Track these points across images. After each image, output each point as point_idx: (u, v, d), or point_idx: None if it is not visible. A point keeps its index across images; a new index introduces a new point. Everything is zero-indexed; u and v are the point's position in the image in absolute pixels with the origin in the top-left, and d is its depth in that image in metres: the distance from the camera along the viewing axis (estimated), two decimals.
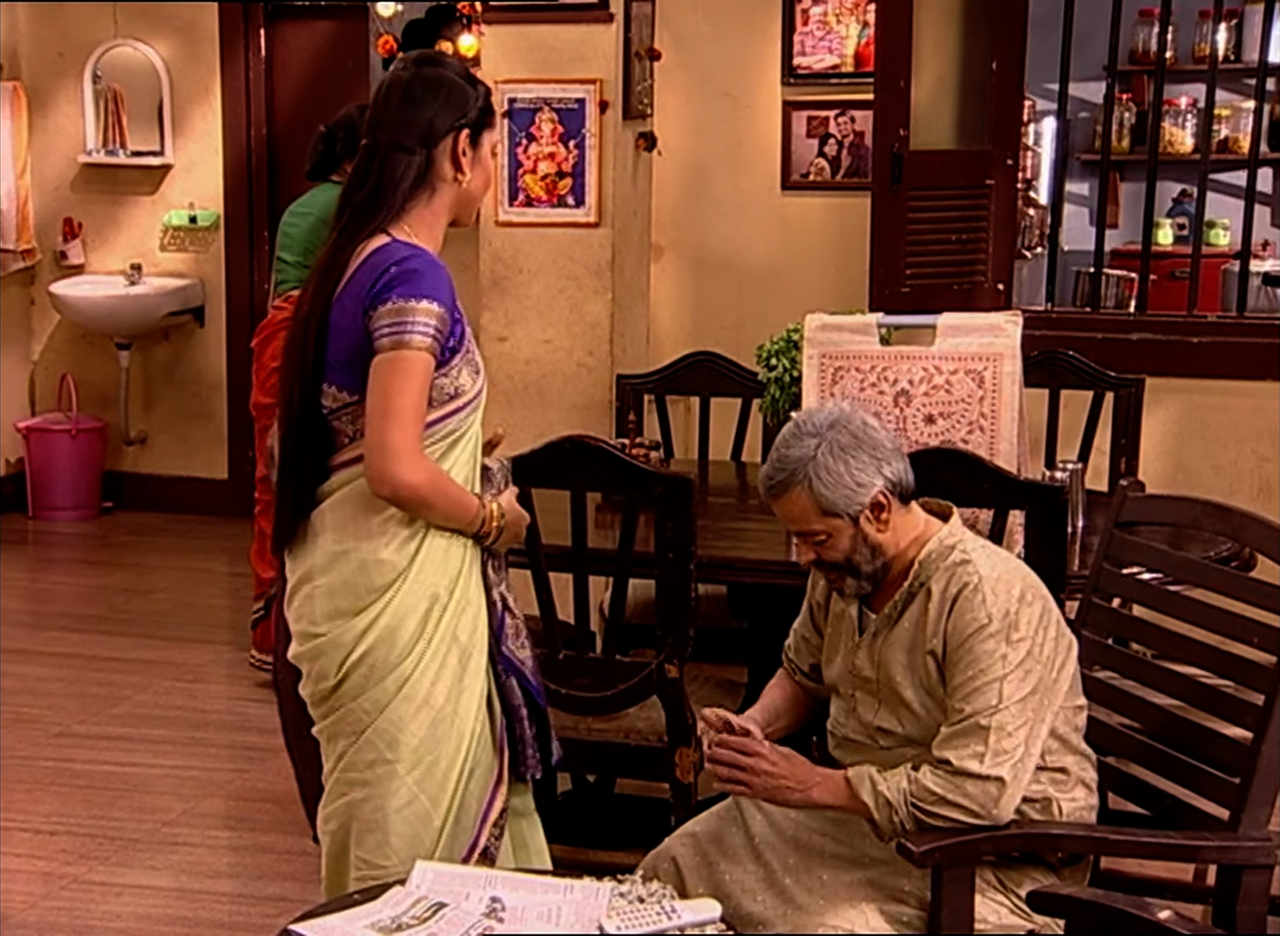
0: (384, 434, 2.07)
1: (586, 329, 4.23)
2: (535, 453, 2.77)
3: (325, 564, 2.14)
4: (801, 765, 2.14)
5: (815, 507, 2.13)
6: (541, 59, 4.12)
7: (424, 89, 2.15)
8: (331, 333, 2.12)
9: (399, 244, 2.13)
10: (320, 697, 2.19)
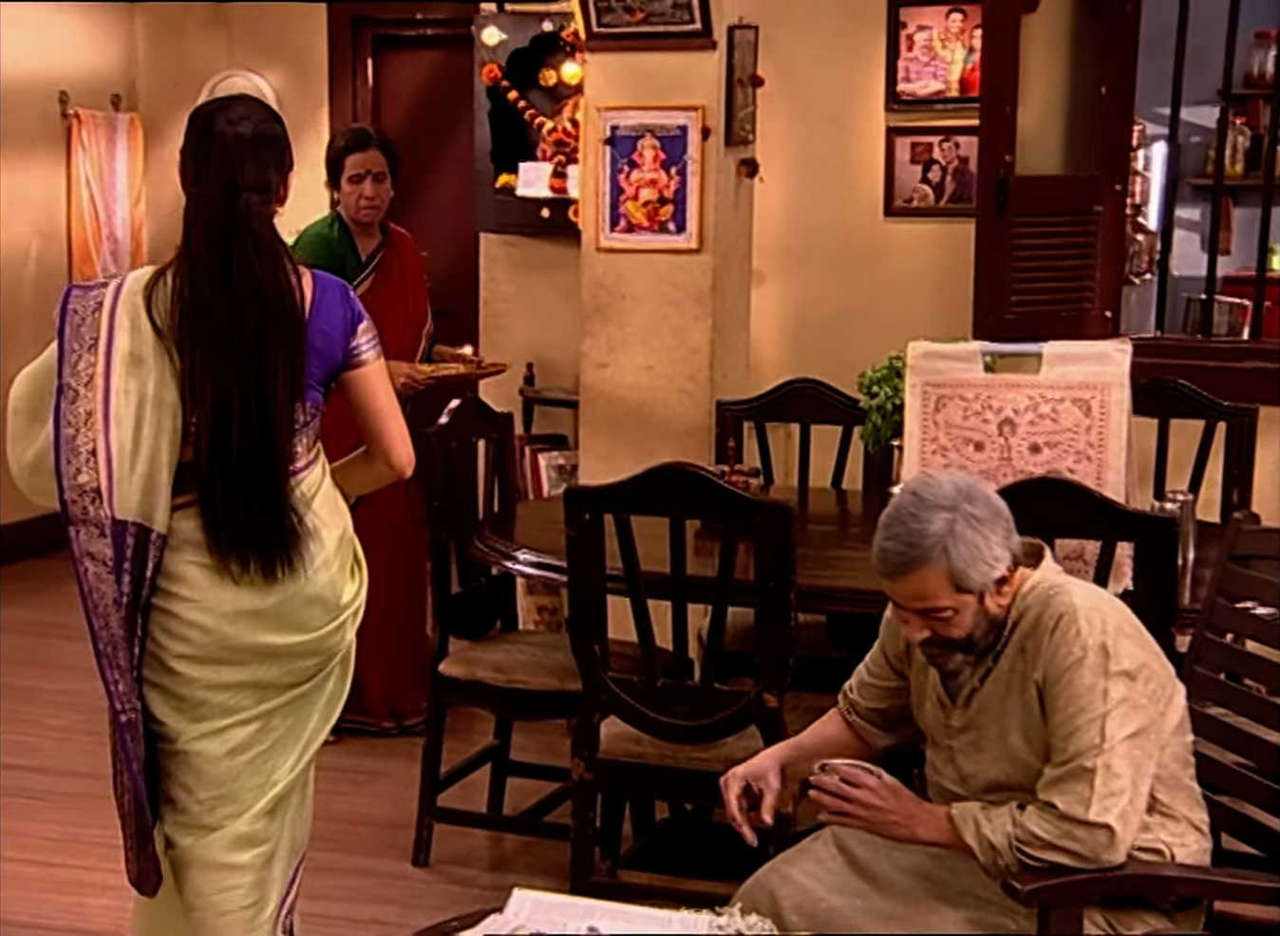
0: (400, 428, 2.47)
1: (687, 355, 4.24)
2: (635, 479, 2.78)
3: (336, 548, 2.42)
4: (908, 799, 2.11)
5: (949, 584, 2.04)
6: (644, 86, 4.15)
7: (267, 149, 2.35)
8: (311, 357, 2.35)
9: (317, 272, 2.42)
10: (324, 662, 2.42)
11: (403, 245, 4.15)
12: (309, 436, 2.39)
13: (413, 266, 4.14)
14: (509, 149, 5.25)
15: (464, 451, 3.55)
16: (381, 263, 4.07)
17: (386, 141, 4.07)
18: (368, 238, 4.06)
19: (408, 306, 4.08)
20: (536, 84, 5.23)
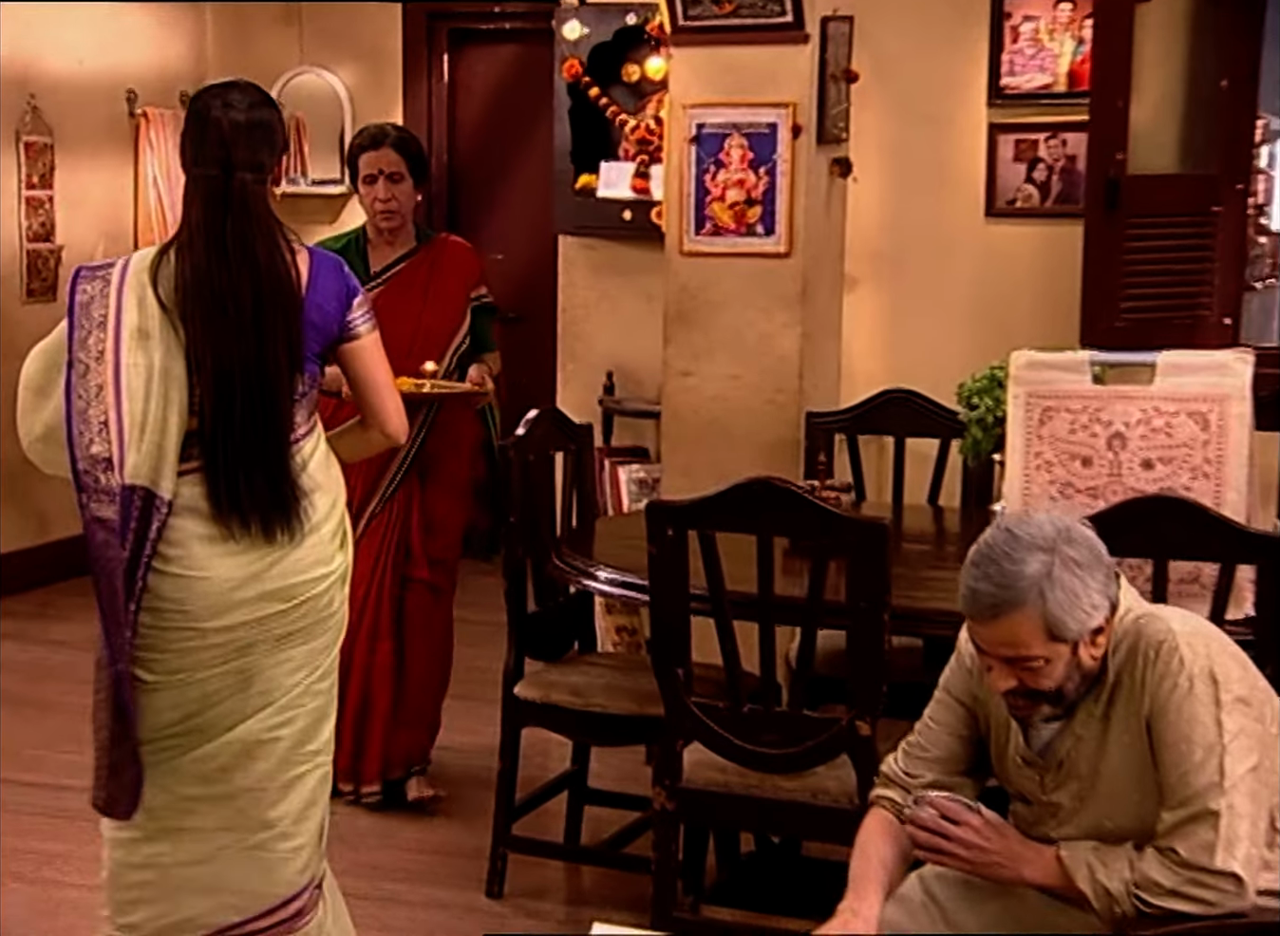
0: (395, 400, 2.72)
1: (775, 364, 4.25)
2: (720, 494, 2.80)
3: (327, 513, 2.64)
4: (1013, 838, 2.08)
5: (1043, 632, 1.99)
6: (732, 82, 4.17)
7: (263, 132, 2.58)
8: (309, 331, 2.59)
9: (315, 250, 2.68)
10: (317, 625, 2.60)
11: (445, 256, 3.92)
12: (307, 407, 2.64)
13: (450, 281, 3.90)
14: (590, 148, 5.29)
15: (541, 464, 3.58)
16: (400, 275, 3.88)
17: (406, 140, 3.90)
18: (389, 247, 3.89)
19: (424, 322, 3.86)
20: (619, 80, 5.26)
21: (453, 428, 3.93)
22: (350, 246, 3.86)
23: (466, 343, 3.94)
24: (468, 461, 4.02)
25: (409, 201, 3.87)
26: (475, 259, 4.02)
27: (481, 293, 4.00)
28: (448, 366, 3.89)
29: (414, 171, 3.86)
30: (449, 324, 3.90)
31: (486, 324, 4.02)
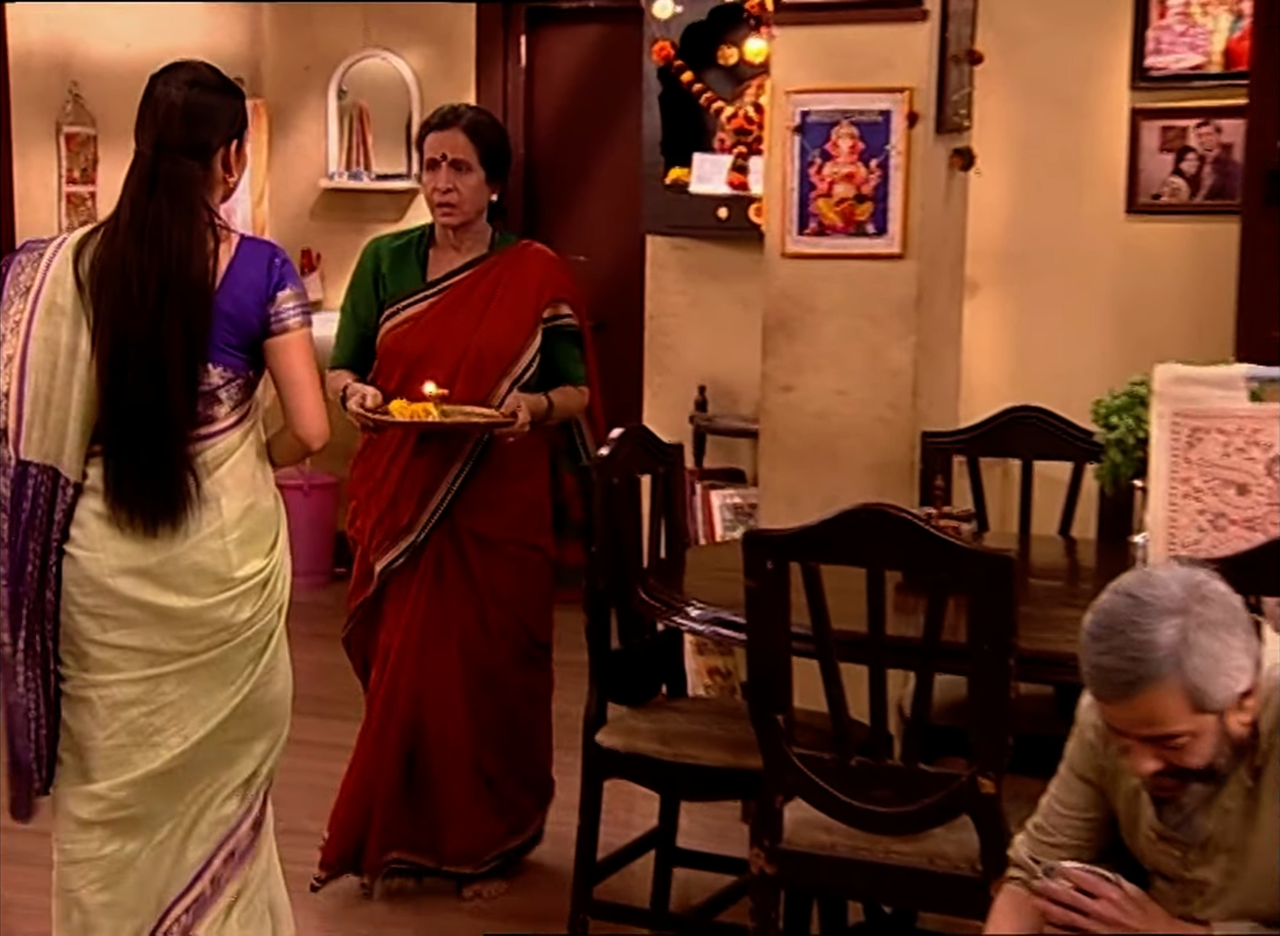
0: (312, 400, 2.85)
1: (887, 378, 4.24)
2: (825, 522, 2.80)
3: (237, 518, 2.83)
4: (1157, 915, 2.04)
5: (1185, 705, 1.96)
6: (841, 65, 4.18)
7: (199, 112, 2.82)
8: (220, 321, 2.77)
9: (253, 239, 2.88)
10: (215, 633, 2.82)
11: (519, 266, 3.71)
12: (227, 402, 2.82)
13: (518, 296, 3.69)
14: (682, 138, 5.32)
15: (626, 488, 3.60)
16: (459, 286, 3.68)
17: (481, 124, 3.68)
18: (454, 252, 3.71)
19: (475, 343, 3.65)
20: (715, 64, 5.30)
21: (508, 475, 3.71)
22: (410, 247, 3.74)
23: (532, 372, 3.69)
24: (535, 520, 3.77)
25: (476, 197, 3.66)
26: (558, 272, 3.77)
27: (561, 313, 3.74)
28: (504, 394, 3.64)
29: (487, 162, 3.66)
30: (506, 347, 3.65)
31: (567, 351, 3.77)
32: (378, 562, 3.74)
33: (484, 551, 3.73)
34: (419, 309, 3.69)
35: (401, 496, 3.70)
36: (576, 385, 3.80)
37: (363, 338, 3.77)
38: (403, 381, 3.65)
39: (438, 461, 3.69)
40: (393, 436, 3.69)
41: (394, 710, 3.76)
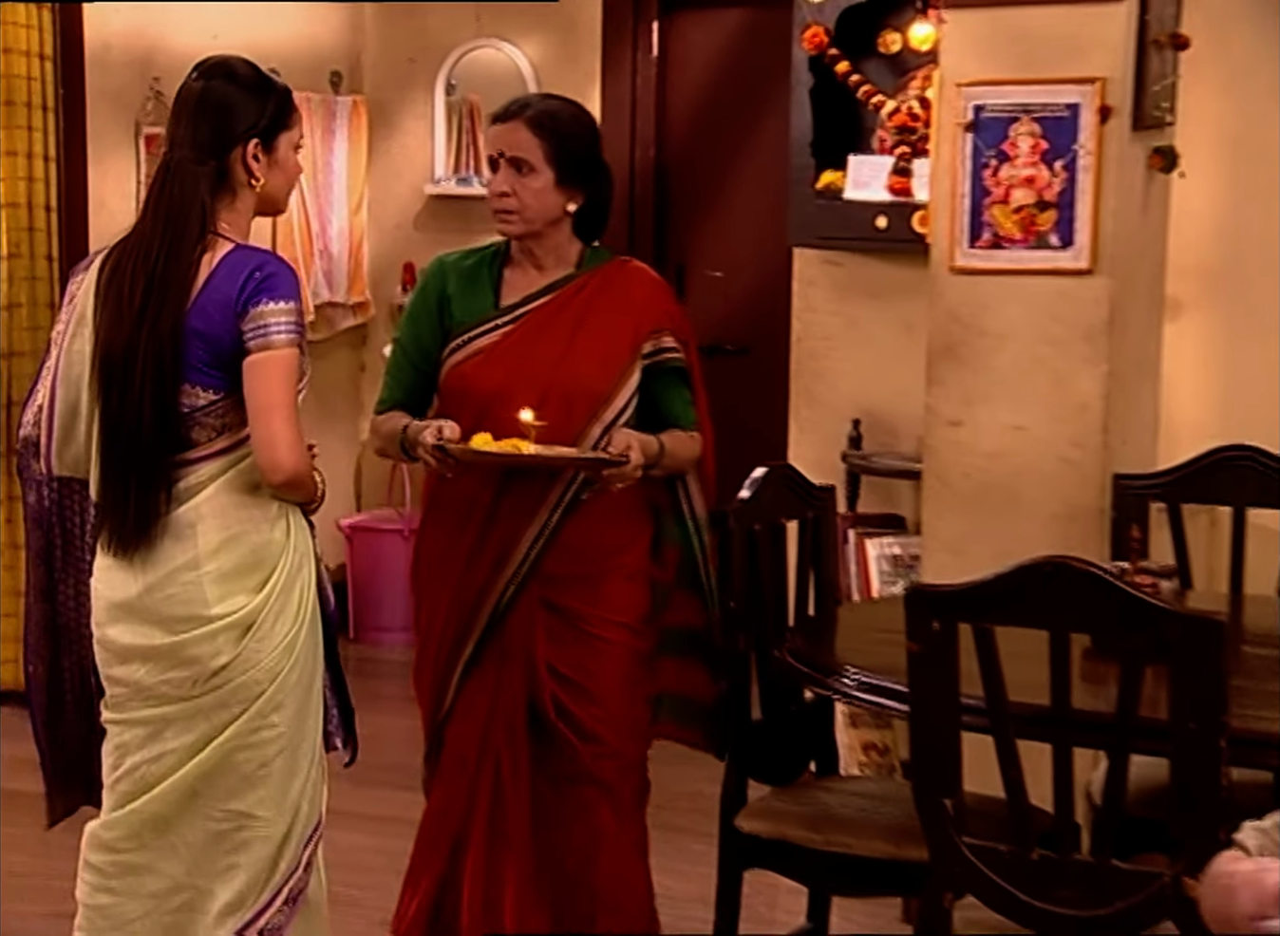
0: (275, 428, 2.92)
1: (1072, 412, 4.20)
2: (1001, 577, 2.78)
3: (214, 550, 2.96)
4: None
5: None
6: (1021, 52, 4.16)
7: (211, 105, 3.00)
8: (191, 338, 2.93)
9: (245, 248, 2.99)
10: (201, 679, 2.96)
11: (614, 287, 3.53)
12: (209, 427, 2.97)
13: (612, 322, 3.49)
14: (836, 138, 5.33)
15: (770, 535, 3.60)
16: (540, 311, 3.49)
17: (549, 116, 3.45)
18: (536, 271, 3.53)
19: (559, 378, 3.43)
20: (875, 52, 5.31)
21: (605, 546, 3.49)
22: (481, 267, 3.55)
23: (627, 416, 3.46)
24: (634, 598, 3.51)
25: (540, 204, 3.43)
26: (661, 296, 3.57)
27: (665, 346, 3.51)
28: (594, 442, 3.42)
29: (557, 162, 3.42)
30: (596, 385, 3.44)
31: (674, 391, 3.54)
32: (462, 649, 3.50)
33: (566, 632, 3.48)
34: (490, 340, 3.46)
35: (479, 560, 3.47)
36: (687, 430, 3.54)
37: (421, 375, 3.56)
38: (474, 426, 3.37)
39: (520, 510, 3.44)
40: (468, 483, 3.44)
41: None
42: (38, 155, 5.56)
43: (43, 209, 5.59)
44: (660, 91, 6.54)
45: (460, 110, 6.81)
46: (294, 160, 3.12)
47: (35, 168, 5.56)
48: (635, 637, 3.51)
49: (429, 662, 3.57)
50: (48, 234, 5.62)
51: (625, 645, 3.49)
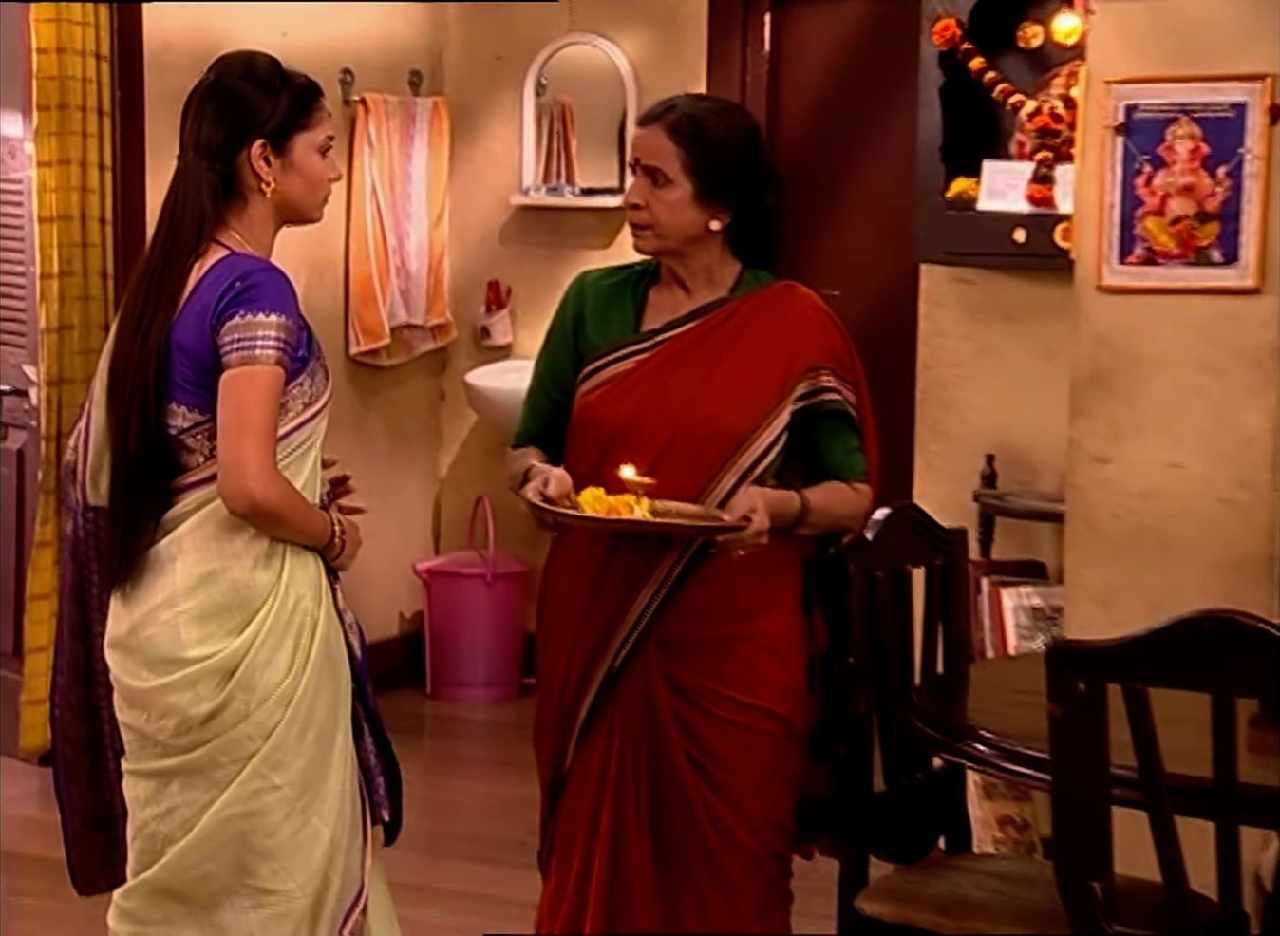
0: (240, 450, 2.95)
1: (1237, 448, 4.17)
2: (1155, 633, 2.75)
3: (191, 587, 3.01)
4: None
5: None
6: (1179, 46, 4.14)
7: (211, 103, 3.11)
8: (175, 352, 3.02)
9: (239, 256, 3.06)
10: (185, 729, 3.02)
11: (769, 315, 3.46)
12: (199, 451, 3.05)
13: (762, 355, 3.42)
14: (969, 141, 5.32)
15: (893, 583, 3.59)
16: (681, 340, 3.44)
17: (695, 120, 3.39)
18: (684, 294, 3.48)
19: (694, 416, 3.38)
20: (1013, 46, 5.30)
21: (736, 609, 3.40)
22: (625, 286, 3.54)
23: (769, 464, 3.40)
24: (774, 674, 3.41)
25: (676, 219, 3.39)
26: (822, 327, 3.48)
27: (823, 386, 3.44)
28: (728, 491, 3.35)
29: (698, 174, 3.37)
30: (734, 425, 3.38)
31: (837, 437, 3.47)
32: (577, 711, 3.43)
33: (693, 712, 3.38)
34: (624, 367, 3.43)
35: (595, 611, 3.42)
36: (850, 481, 3.47)
37: (556, 405, 3.53)
38: (596, 463, 3.37)
39: (638, 563, 3.37)
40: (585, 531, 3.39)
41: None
42: (92, 164, 5.64)
43: (97, 222, 5.66)
44: (772, 91, 6.55)
45: (551, 113, 6.86)
46: (316, 164, 3.17)
47: (89, 177, 5.64)
48: (775, 722, 3.39)
49: (549, 719, 3.51)
50: (102, 249, 5.68)
51: (764, 732, 3.38)
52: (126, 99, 5.77)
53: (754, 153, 3.46)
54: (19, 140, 5.84)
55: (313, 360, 3.15)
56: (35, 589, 5.58)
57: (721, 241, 3.46)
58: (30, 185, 5.65)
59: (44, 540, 5.57)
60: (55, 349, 5.60)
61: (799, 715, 3.42)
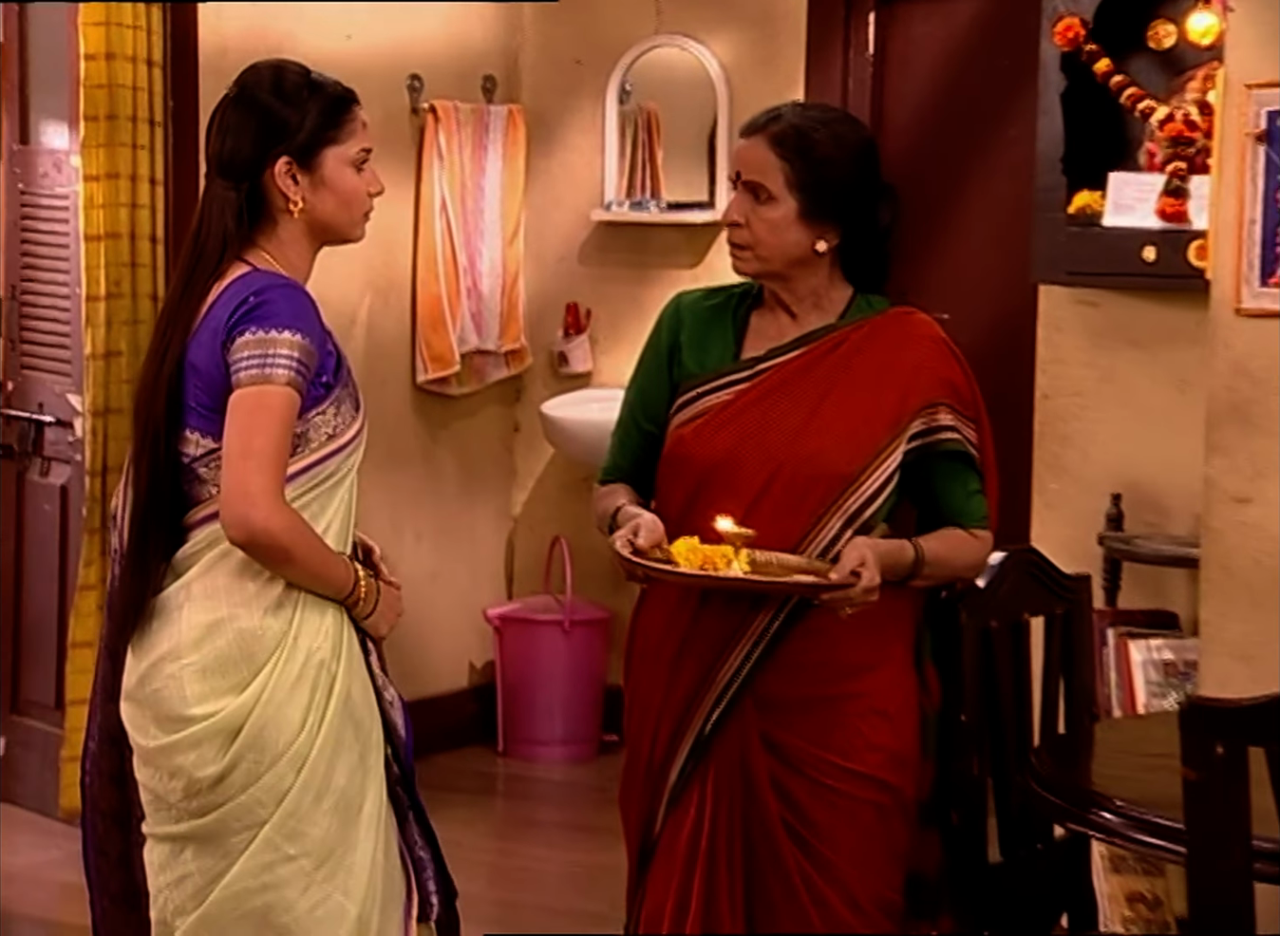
0: (242, 475, 2.94)
1: None
2: None
3: (196, 638, 3.00)
4: None
5: None
6: None
7: (234, 118, 3.15)
8: (189, 374, 3.06)
9: (258, 273, 3.09)
10: (194, 792, 3.00)
11: (884, 344, 3.43)
12: (210, 481, 3.05)
13: (874, 387, 3.40)
14: (1093, 151, 5.30)
15: (1010, 634, 3.59)
16: (783, 370, 3.42)
17: (802, 131, 3.39)
18: (789, 320, 3.47)
19: (796, 453, 3.36)
20: (1143, 47, 5.27)
21: (840, 665, 3.37)
22: (724, 310, 3.53)
23: (882, 502, 3.37)
24: (882, 738, 3.37)
25: (778, 241, 3.39)
26: (941, 359, 3.46)
27: (940, 424, 3.41)
28: (832, 536, 3.34)
29: (803, 190, 3.37)
30: (841, 464, 3.35)
31: (956, 479, 3.45)
32: (667, 773, 3.41)
33: (793, 778, 3.35)
34: (721, 398, 3.42)
35: (685, 666, 3.39)
36: (970, 528, 3.44)
37: (648, 438, 3.52)
38: (688, 504, 3.38)
39: (733, 614, 3.35)
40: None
41: None
42: (143, 178, 5.66)
43: (148, 240, 5.67)
44: (876, 98, 6.55)
45: (635, 121, 6.87)
46: (350, 179, 3.18)
47: (140, 192, 5.66)
48: (882, 791, 3.36)
49: (637, 781, 3.49)
50: (152, 270, 5.68)
51: (870, 802, 3.35)
52: (180, 109, 5.78)
53: (866, 167, 3.46)
54: (65, 153, 5.88)
55: (339, 388, 3.12)
56: (78, 635, 5.58)
57: (830, 263, 3.45)
58: (76, 201, 5.66)
59: (87, 583, 5.58)
60: (101, 377, 5.61)
61: (909, 783, 3.39)
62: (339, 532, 3.10)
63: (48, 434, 6.02)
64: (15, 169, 6.11)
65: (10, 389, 6.12)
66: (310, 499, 3.05)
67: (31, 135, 6.12)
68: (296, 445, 3.02)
